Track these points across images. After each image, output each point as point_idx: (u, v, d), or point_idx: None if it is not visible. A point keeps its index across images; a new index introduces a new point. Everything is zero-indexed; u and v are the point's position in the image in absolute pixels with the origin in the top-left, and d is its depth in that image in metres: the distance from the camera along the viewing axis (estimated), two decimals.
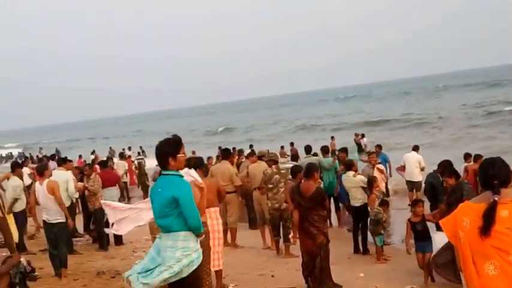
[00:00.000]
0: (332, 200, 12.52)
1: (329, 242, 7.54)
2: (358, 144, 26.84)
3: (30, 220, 11.57)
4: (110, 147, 35.90)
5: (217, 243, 7.44)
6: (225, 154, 11.43)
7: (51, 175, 9.27)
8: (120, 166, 20.84)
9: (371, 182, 10.21)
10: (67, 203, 10.79)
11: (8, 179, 11.41)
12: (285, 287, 7.97)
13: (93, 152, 32.88)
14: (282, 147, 25.09)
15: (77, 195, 11.33)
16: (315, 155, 13.81)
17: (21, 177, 11.74)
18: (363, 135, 27.80)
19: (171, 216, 4.81)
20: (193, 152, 23.04)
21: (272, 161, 10.71)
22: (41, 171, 8.94)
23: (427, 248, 7.88)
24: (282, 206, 9.90)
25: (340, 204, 13.00)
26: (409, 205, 10.18)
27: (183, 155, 4.96)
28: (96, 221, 11.44)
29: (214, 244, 7.28)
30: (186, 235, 4.82)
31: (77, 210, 12.69)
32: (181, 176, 4.97)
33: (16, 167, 11.93)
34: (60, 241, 8.70)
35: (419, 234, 7.96)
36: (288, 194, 8.29)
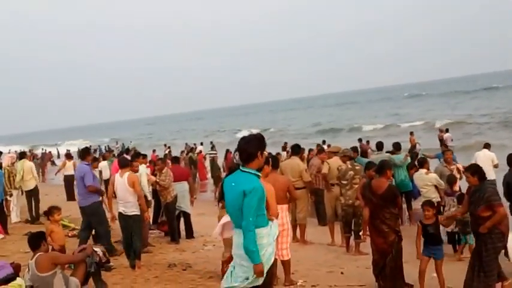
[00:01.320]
0: (404, 197, 12.27)
1: (401, 241, 7.35)
2: (440, 140, 25.82)
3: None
4: (186, 143, 36.56)
5: (285, 234, 7.50)
6: (295, 150, 11.37)
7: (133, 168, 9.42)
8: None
9: (451, 181, 9.94)
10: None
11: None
12: (355, 285, 7.87)
13: (167, 147, 33.53)
14: (318, 144, 24.84)
15: (149, 189, 11.55)
16: (396, 151, 13.43)
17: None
18: (446, 130, 26.92)
19: (241, 211, 4.79)
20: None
21: (347, 156, 10.59)
22: (123, 164, 9.15)
23: (438, 253, 7.45)
24: (356, 202, 9.77)
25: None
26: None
27: (266, 152, 4.98)
28: (168, 214, 11.66)
29: (282, 235, 7.31)
30: (258, 232, 4.78)
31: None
32: (259, 176, 4.92)
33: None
34: (134, 233, 8.90)
35: (431, 238, 7.47)
36: (359, 190, 8.17)
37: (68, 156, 21.25)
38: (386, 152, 13.58)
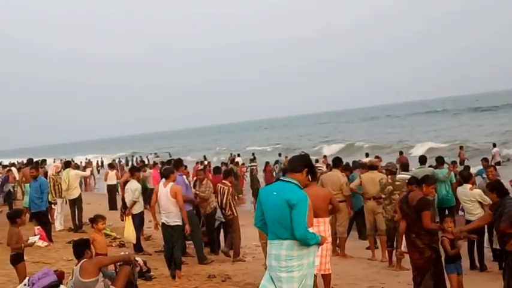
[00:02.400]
0: (447, 212, 12.05)
1: (441, 257, 7.20)
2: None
3: (146, 222, 12.09)
4: (231, 153, 36.78)
5: (325, 247, 7.44)
6: (336, 163, 11.31)
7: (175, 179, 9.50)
8: None
9: None
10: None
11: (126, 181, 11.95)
12: None
13: (204, 158, 33.76)
14: (325, 156, 24.39)
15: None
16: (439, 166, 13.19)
17: (139, 180, 12.28)
18: (494, 145, 26.32)
19: (282, 221, 4.80)
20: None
21: (388, 170, 10.47)
22: (167, 174, 9.25)
23: (460, 268, 7.33)
24: (395, 217, 9.66)
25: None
26: None
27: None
28: (208, 225, 11.71)
29: (322, 248, 7.28)
30: (293, 243, 4.80)
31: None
32: (301, 188, 4.98)
33: (135, 171, 12.46)
34: (176, 244, 8.95)
35: (456, 253, 7.32)
36: (397, 203, 8.09)
37: (111, 166, 21.66)
38: (429, 166, 13.36)
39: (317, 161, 24.25)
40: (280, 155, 33.10)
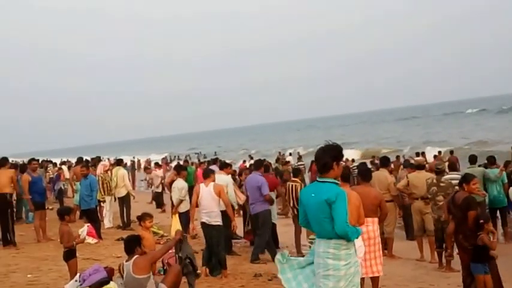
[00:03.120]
0: (498, 213, 11.78)
1: (493, 259, 6.99)
2: None
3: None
4: (279, 152, 36.74)
5: (377, 249, 7.33)
6: (384, 162, 11.18)
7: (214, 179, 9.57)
8: None
9: None
10: (223, 206, 11.24)
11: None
12: None
13: (251, 158, 33.81)
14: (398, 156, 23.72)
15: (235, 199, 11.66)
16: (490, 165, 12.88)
17: (185, 179, 12.39)
18: None
19: (325, 221, 4.80)
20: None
21: (437, 170, 10.27)
22: (206, 174, 9.32)
23: (487, 268, 6.98)
24: (442, 217, 9.49)
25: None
26: None
27: (343, 163, 4.95)
28: (253, 224, 11.74)
29: (373, 250, 7.20)
30: (340, 242, 4.77)
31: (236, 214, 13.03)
32: (338, 184, 4.92)
33: (181, 170, 12.60)
34: (219, 243, 8.97)
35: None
36: (445, 204, 7.93)
37: (157, 165, 22.00)
38: (479, 165, 13.04)
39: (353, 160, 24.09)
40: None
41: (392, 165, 15.86)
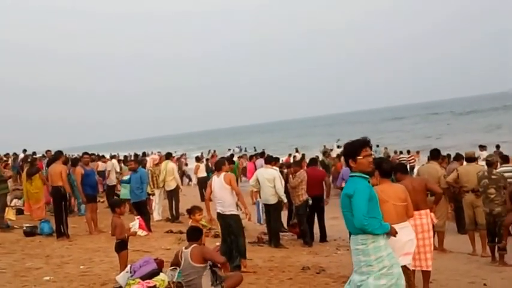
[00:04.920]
0: None
1: None
2: None
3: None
4: (324, 145, 36.53)
5: (427, 243, 7.18)
6: (434, 155, 10.94)
7: (228, 171, 9.43)
8: None
9: None
10: (273, 200, 11.27)
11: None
12: None
13: (296, 150, 33.72)
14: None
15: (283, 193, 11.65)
16: None
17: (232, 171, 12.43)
18: None
19: (348, 216, 4.77)
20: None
21: (487, 162, 10.00)
22: (219, 166, 9.29)
23: None
24: (494, 211, 9.24)
25: None
26: None
27: (362, 157, 4.82)
28: (299, 217, 11.75)
29: (423, 244, 7.06)
30: (366, 236, 4.71)
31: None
32: (365, 178, 4.83)
33: (229, 163, 12.66)
34: (236, 233, 8.91)
35: None
36: (508, 194, 7.71)
37: (199, 159, 22.29)
38: None
39: (401, 152, 23.71)
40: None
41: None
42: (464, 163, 11.09)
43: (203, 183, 20.24)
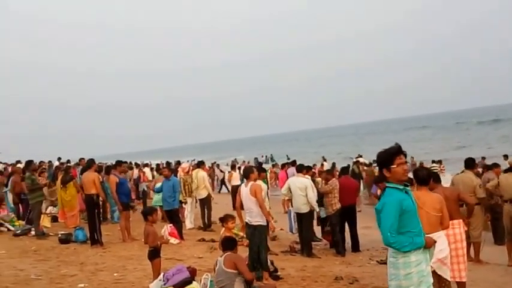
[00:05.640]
0: None
1: None
2: None
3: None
4: (359, 154, 36.20)
5: (460, 253, 7.05)
6: (469, 164, 10.74)
7: (256, 179, 9.47)
8: None
9: None
10: (305, 209, 11.21)
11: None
12: None
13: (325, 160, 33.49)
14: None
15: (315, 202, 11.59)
16: None
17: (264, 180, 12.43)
18: None
19: (380, 229, 4.65)
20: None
21: None
22: (247, 174, 9.27)
23: None
24: None
25: None
26: None
27: (396, 166, 4.67)
28: (331, 226, 11.67)
29: (456, 254, 6.93)
30: (398, 251, 4.57)
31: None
32: (398, 188, 4.65)
33: (260, 172, 12.65)
34: (260, 244, 8.80)
35: None
36: None
37: (234, 167, 22.28)
38: None
39: (434, 161, 23.43)
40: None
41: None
42: (502, 172, 10.86)
43: (236, 192, 20.34)
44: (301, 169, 12.24)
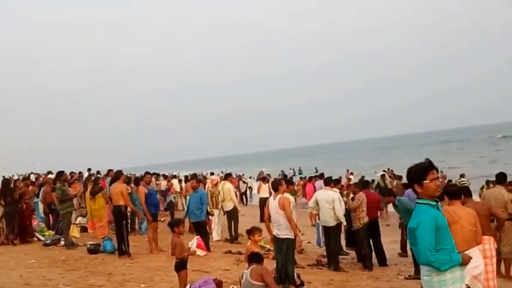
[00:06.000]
0: None
1: None
2: None
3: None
4: (388, 168, 35.94)
5: (490, 270, 6.93)
6: (500, 178, 10.56)
7: (285, 191, 9.37)
8: None
9: None
10: (332, 222, 11.15)
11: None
12: None
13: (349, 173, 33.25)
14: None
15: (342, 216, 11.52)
16: None
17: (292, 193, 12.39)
18: None
19: (414, 247, 4.57)
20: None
21: None
22: (275, 187, 9.24)
23: None
24: None
25: None
26: None
27: (429, 181, 4.58)
28: (359, 240, 11.57)
29: (486, 270, 6.81)
30: (430, 268, 4.43)
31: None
32: (431, 205, 4.54)
33: (288, 184, 12.61)
34: (288, 257, 8.73)
35: None
36: None
37: (264, 179, 22.25)
38: None
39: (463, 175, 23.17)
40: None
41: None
42: None
43: (264, 204, 20.33)
44: (329, 182, 12.18)
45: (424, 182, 4.53)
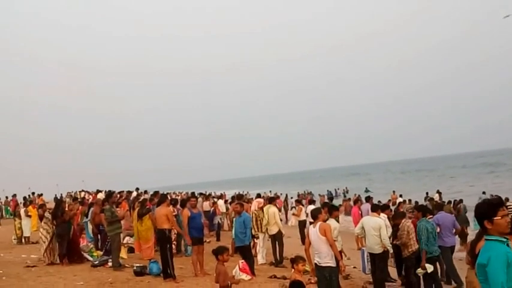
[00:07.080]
0: None
1: None
2: None
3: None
4: (427, 192, 35.31)
5: None
6: None
7: (324, 220, 9.30)
8: None
9: None
10: (378, 250, 10.96)
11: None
12: None
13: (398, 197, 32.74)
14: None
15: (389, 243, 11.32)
16: None
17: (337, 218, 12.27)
18: None
19: (483, 285, 4.41)
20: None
21: None
22: (315, 215, 9.15)
23: None
24: None
25: None
26: None
27: (500, 217, 4.49)
28: (406, 267, 11.34)
29: None
30: None
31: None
32: (501, 241, 4.45)
33: (333, 210, 12.50)
34: (331, 286, 8.65)
35: None
36: None
37: (311, 202, 22.16)
38: None
39: (507, 199, 22.44)
40: (484, 192, 31.52)
41: None
42: None
43: (303, 227, 20.21)
44: (376, 209, 12.02)
45: (495, 218, 4.49)
